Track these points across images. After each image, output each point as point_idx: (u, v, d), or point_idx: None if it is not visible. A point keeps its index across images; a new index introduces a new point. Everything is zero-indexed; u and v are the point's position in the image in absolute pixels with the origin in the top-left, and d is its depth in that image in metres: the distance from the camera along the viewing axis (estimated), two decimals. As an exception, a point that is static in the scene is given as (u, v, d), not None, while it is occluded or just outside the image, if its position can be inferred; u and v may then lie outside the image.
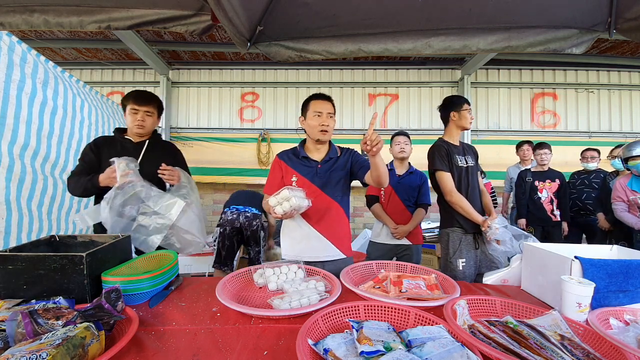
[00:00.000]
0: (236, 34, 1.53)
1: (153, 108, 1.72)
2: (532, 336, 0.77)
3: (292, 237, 1.59)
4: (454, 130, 2.03)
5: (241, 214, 2.78)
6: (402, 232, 2.35)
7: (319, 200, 1.52)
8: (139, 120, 1.67)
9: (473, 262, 1.83)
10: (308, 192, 1.49)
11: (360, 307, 0.94)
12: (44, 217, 2.00)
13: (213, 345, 0.82)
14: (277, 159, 1.62)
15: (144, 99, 1.69)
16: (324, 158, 1.59)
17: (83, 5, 1.41)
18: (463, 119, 1.96)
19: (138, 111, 1.67)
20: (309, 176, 1.55)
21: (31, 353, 0.60)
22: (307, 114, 1.55)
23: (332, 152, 1.62)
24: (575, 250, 1.26)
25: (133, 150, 1.70)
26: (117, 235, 1.27)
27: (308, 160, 1.58)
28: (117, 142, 1.72)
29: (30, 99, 1.87)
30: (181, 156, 1.90)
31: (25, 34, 4.20)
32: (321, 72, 5.27)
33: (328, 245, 1.55)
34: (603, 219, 3.05)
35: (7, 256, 0.97)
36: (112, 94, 5.30)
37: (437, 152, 1.95)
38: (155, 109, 1.73)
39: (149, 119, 1.71)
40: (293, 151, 1.63)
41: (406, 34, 1.65)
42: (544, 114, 5.15)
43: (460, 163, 1.93)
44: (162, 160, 1.74)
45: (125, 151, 1.69)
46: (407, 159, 2.56)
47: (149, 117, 1.70)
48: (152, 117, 1.72)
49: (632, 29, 1.52)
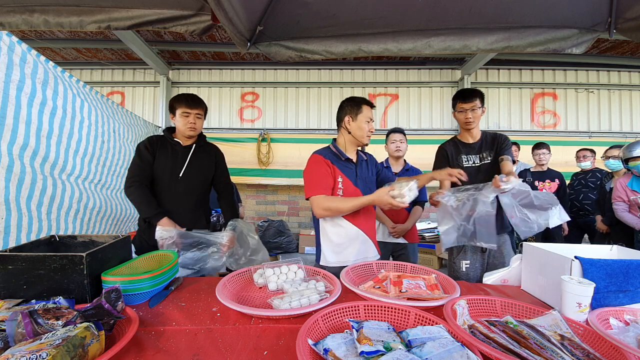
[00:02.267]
0: (236, 34, 1.53)
1: (202, 111, 1.78)
2: (532, 336, 0.77)
3: (339, 243, 1.53)
4: (461, 128, 1.90)
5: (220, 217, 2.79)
6: (401, 231, 2.34)
7: None
8: (191, 123, 1.73)
9: (479, 265, 1.78)
10: (352, 195, 1.53)
11: (360, 307, 0.94)
12: (44, 217, 2.00)
13: (213, 345, 0.82)
14: (321, 158, 1.52)
15: (195, 102, 1.75)
16: (357, 160, 1.62)
17: (83, 5, 1.41)
18: (457, 118, 1.87)
19: (190, 114, 1.73)
20: (352, 178, 1.56)
21: (31, 353, 0.60)
22: (358, 117, 1.54)
23: (360, 155, 1.66)
24: (575, 250, 1.26)
25: (182, 153, 1.78)
26: (117, 235, 1.27)
27: (349, 162, 1.58)
28: (168, 144, 1.78)
29: (30, 99, 1.87)
30: (221, 158, 1.98)
31: (25, 34, 4.20)
32: (321, 72, 5.27)
33: (371, 245, 1.59)
34: (600, 222, 3.05)
35: (7, 256, 0.97)
36: (112, 94, 5.31)
37: (437, 154, 1.96)
38: (203, 112, 1.79)
39: (199, 122, 1.77)
40: (331, 152, 1.57)
41: (406, 34, 1.65)
42: (544, 114, 5.15)
43: (467, 163, 1.84)
44: (205, 165, 1.85)
45: (175, 154, 1.76)
46: (402, 157, 2.53)
47: (199, 119, 1.76)
48: (201, 119, 1.79)
49: (632, 29, 1.52)
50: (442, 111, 5.25)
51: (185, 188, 1.75)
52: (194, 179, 1.78)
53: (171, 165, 1.74)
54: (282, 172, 4.99)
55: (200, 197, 1.84)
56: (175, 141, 1.78)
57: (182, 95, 1.77)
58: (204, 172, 1.85)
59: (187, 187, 1.76)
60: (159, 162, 1.73)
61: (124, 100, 5.28)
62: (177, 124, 1.76)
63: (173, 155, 1.76)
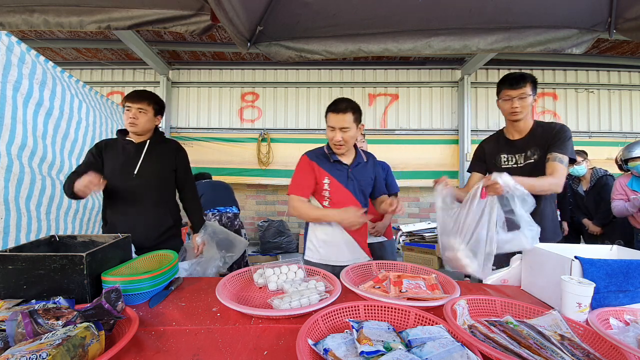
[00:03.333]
0: (236, 34, 1.53)
1: (146, 105, 1.67)
2: (532, 336, 0.77)
3: (321, 240, 1.55)
4: (506, 120, 1.62)
5: (223, 215, 2.77)
6: (382, 228, 2.31)
7: (352, 205, 1.50)
8: (131, 118, 1.64)
9: None
10: (341, 197, 1.52)
11: (360, 307, 0.94)
12: (43, 217, 2.00)
13: (213, 345, 0.82)
14: (307, 159, 1.55)
15: (137, 96, 1.67)
16: (352, 162, 1.58)
17: (83, 5, 1.41)
18: (501, 108, 1.58)
19: (131, 108, 1.65)
20: (341, 179, 1.53)
21: (31, 353, 0.60)
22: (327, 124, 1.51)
23: (359, 156, 1.62)
24: (575, 250, 1.26)
25: (134, 151, 1.69)
26: (117, 235, 1.27)
27: (340, 164, 1.55)
28: (119, 144, 1.71)
29: (26, 99, 1.86)
30: (183, 155, 1.86)
31: (25, 34, 4.21)
32: (321, 72, 5.28)
33: (357, 248, 1.57)
34: (591, 225, 3.08)
35: (7, 256, 0.97)
36: (112, 94, 5.31)
37: (475, 152, 1.74)
38: (149, 107, 1.68)
39: (142, 116, 1.66)
40: (322, 153, 1.57)
41: (406, 34, 1.65)
42: (544, 114, 5.15)
43: (507, 164, 1.60)
44: (162, 161, 1.75)
45: (126, 153, 1.68)
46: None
47: (142, 114, 1.66)
48: (146, 114, 1.68)
49: (632, 29, 1.52)
50: (442, 111, 5.26)
51: (142, 186, 1.67)
52: (151, 176, 1.69)
53: (121, 164, 1.67)
54: (282, 172, 5.00)
55: (162, 195, 1.75)
56: (126, 140, 1.70)
57: (132, 91, 1.71)
58: (162, 167, 1.75)
59: (145, 185, 1.68)
60: (108, 164, 1.66)
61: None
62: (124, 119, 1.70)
63: (124, 154, 1.68)
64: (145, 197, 1.69)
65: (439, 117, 5.25)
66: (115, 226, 1.64)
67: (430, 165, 5.13)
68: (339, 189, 1.52)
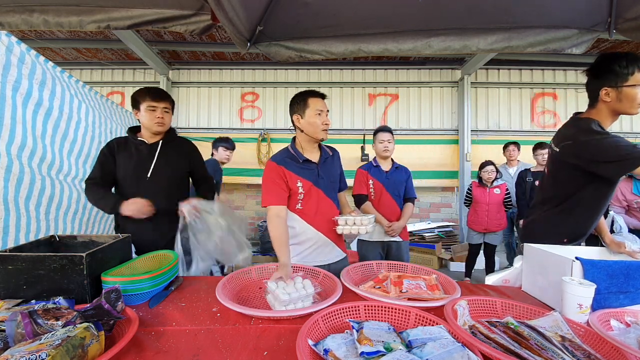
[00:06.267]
0: (236, 34, 1.53)
1: (169, 104, 1.67)
2: (533, 337, 0.77)
3: (300, 244, 1.53)
4: (604, 114, 1.31)
5: None
6: (398, 229, 2.34)
7: (323, 204, 1.51)
8: (158, 118, 1.61)
9: None
10: (313, 196, 1.50)
11: (361, 307, 0.94)
12: (42, 217, 2.00)
13: (213, 345, 0.82)
14: (274, 165, 1.45)
15: (161, 96, 1.64)
16: (320, 159, 1.54)
17: (82, 5, 1.40)
18: (626, 99, 1.24)
19: (156, 108, 1.61)
20: (313, 179, 1.49)
21: (31, 353, 0.60)
22: (305, 112, 1.44)
23: (324, 152, 1.58)
24: (576, 251, 1.25)
25: (147, 153, 1.66)
26: (117, 235, 1.27)
27: (309, 164, 1.50)
28: (131, 145, 1.66)
29: (25, 99, 1.86)
30: (198, 156, 1.83)
31: (25, 34, 4.21)
32: (321, 72, 5.28)
33: (334, 247, 1.56)
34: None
35: (7, 256, 0.97)
36: (112, 94, 5.31)
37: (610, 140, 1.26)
38: (171, 106, 1.69)
39: (167, 116, 1.65)
40: (288, 155, 1.50)
41: (406, 34, 1.65)
42: (544, 114, 5.16)
43: None
44: (175, 161, 1.72)
45: (139, 154, 1.65)
46: (390, 156, 2.50)
47: (167, 114, 1.65)
48: (169, 114, 1.68)
49: (632, 29, 1.52)
50: (442, 111, 5.26)
51: (155, 188, 1.62)
52: (164, 178, 1.65)
53: (135, 166, 1.63)
54: (282, 172, 4.99)
55: (175, 196, 1.65)
56: (139, 140, 1.65)
57: (145, 88, 1.64)
58: (175, 168, 1.72)
59: (158, 187, 1.63)
60: (121, 166, 1.62)
61: (124, 100, 5.28)
62: (143, 119, 1.63)
63: (137, 156, 1.64)
64: (159, 200, 1.61)
65: (439, 117, 5.25)
66: (126, 231, 1.55)
67: (430, 165, 5.13)
68: (311, 190, 1.48)
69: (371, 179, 2.42)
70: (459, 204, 5.08)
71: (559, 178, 1.42)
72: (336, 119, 5.22)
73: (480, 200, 3.43)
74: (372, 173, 2.43)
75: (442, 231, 4.68)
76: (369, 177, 2.42)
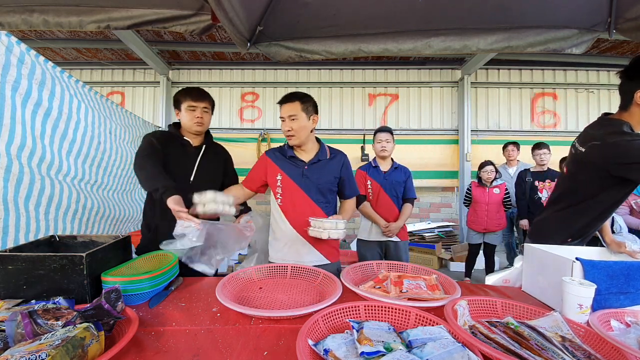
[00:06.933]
0: (236, 34, 1.53)
1: (208, 104, 1.66)
2: (533, 337, 0.77)
3: (277, 239, 1.57)
4: (638, 117, 1.26)
5: None
6: (395, 229, 2.34)
7: (301, 202, 1.51)
8: (197, 118, 1.60)
9: None
10: (292, 193, 1.50)
11: (361, 307, 0.94)
12: (42, 217, 2.00)
13: (213, 345, 0.82)
14: (264, 155, 1.60)
15: (201, 95, 1.63)
16: (311, 159, 1.54)
17: (82, 5, 1.41)
18: None
19: (196, 108, 1.60)
20: (295, 177, 1.51)
21: (31, 353, 0.60)
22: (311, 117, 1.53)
23: (322, 153, 1.58)
24: (576, 251, 1.25)
25: (192, 154, 1.64)
26: (117, 236, 1.26)
27: (296, 160, 1.54)
28: (178, 141, 1.63)
29: (24, 100, 1.85)
30: (231, 161, 1.86)
31: (25, 34, 4.20)
32: (321, 72, 5.28)
33: (312, 250, 1.54)
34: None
35: (7, 256, 0.97)
36: (112, 94, 5.31)
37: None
38: (210, 106, 1.67)
39: (206, 116, 1.64)
40: (280, 149, 1.59)
41: (406, 34, 1.65)
42: (544, 114, 5.16)
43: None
44: (214, 168, 1.72)
45: (185, 155, 1.62)
46: (388, 157, 2.50)
47: (206, 113, 1.64)
48: (209, 114, 1.67)
49: (632, 29, 1.52)
50: (442, 111, 5.26)
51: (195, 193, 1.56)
52: (205, 185, 1.52)
53: (182, 168, 1.60)
54: (282, 172, 4.99)
55: None
56: (185, 140, 1.63)
57: (187, 88, 1.64)
58: (214, 177, 1.72)
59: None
60: (170, 162, 1.54)
61: (124, 100, 5.28)
62: (183, 119, 1.62)
63: (184, 156, 1.61)
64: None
65: (439, 117, 5.25)
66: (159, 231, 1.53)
67: (430, 165, 5.13)
68: (290, 186, 1.52)
69: (369, 179, 2.42)
70: (459, 204, 5.08)
71: (579, 179, 1.38)
72: (336, 119, 5.22)
73: (480, 200, 3.43)
74: (370, 174, 2.44)
75: (442, 231, 4.68)
76: (367, 177, 2.43)
